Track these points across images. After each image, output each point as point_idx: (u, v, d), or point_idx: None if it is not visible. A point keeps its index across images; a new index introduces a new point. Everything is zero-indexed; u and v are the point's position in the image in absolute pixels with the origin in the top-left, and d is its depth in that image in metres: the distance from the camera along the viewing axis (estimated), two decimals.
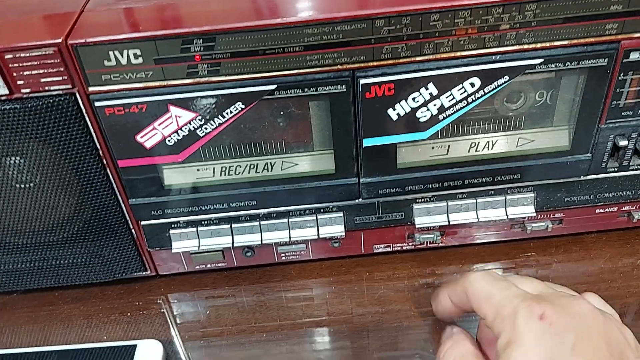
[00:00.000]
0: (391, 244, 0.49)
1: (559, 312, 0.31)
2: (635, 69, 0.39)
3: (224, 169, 0.43)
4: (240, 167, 0.43)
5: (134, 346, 0.44)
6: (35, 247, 0.47)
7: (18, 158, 0.42)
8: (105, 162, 0.41)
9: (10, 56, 0.35)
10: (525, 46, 0.38)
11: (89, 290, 0.50)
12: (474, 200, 0.46)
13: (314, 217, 0.46)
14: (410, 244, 0.50)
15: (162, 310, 0.49)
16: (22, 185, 0.43)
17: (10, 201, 0.44)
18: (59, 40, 0.35)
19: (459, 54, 0.38)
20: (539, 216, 0.48)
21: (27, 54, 0.35)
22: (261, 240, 0.46)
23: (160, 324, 0.48)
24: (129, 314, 0.49)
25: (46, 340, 0.47)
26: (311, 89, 0.38)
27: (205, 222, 0.46)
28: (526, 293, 0.34)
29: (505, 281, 0.35)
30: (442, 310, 0.40)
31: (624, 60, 0.39)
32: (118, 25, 0.37)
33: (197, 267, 0.49)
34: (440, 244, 0.50)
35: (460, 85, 0.39)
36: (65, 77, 0.36)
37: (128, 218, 0.45)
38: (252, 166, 0.43)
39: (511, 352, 0.31)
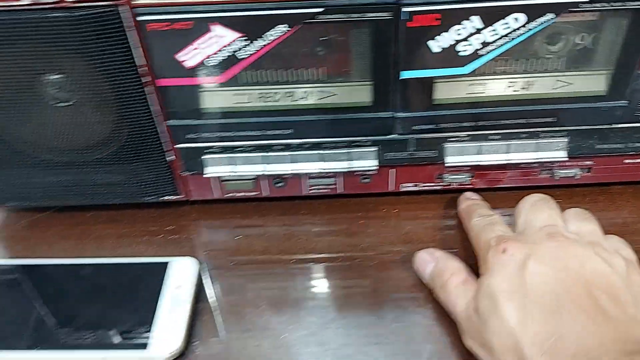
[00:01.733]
0: (419, 183, 0.50)
1: (521, 247, 0.37)
2: None
3: (261, 95, 0.44)
4: (277, 94, 0.44)
5: (167, 263, 0.45)
6: (71, 165, 0.48)
7: (58, 75, 0.43)
8: (143, 81, 0.42)
9: None
10: None
11: (121, 213, 0.51)
12: (507, 142, 0.46)
13: (348, 150, 0.46)
14: (439, 184, 0.50)
15: (192, 236, 0.50)
16: (60, 104, 0.44)
17: (47, 119, 0.45)
18: None
19: None
20: (570, 163, 0.48)
21: None
22: (293, 170, 0.47)
23: (190, 248, 0.49)
24: (161, 235, 0.50)
25: (80, 255, 0.48)
26: (355, 15, 0.39)
27: (239, 148, 0.46)
28: (501, 235, 0.39)
29: (492, 225, 0.42)
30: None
31: None
32: None
33: (228, 195, 0.50)
34: (469, 186, 0.50)
35: (505, 20, 0.39)
36: None
37: (165, 139, 0.46)
38: (289, 94, 0.44)
39: (482, 279, 0.37)
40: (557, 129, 0.45)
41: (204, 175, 0.47)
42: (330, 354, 0.40)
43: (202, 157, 0.47)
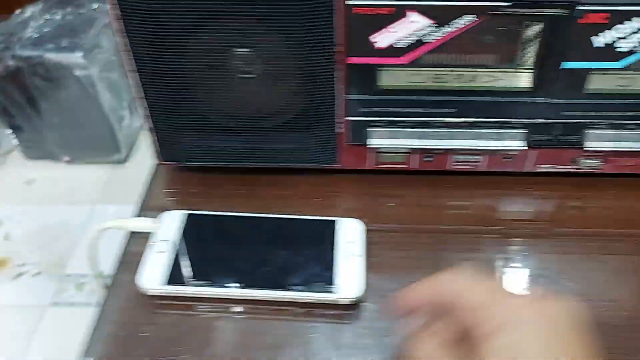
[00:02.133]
0: (555, 165, 0.55)
1: None
2: None
3: (434, 76, 0.49)
4: (449, 75, 0.49)
5: (335, 221, 0.51)
6: (247, 131, 0.53)
7: (247, 49, 0.48)
8: (335, 58, 0.48)
9: None
10: None
11: (280, 177, 0.57)
12: None
13: (500, 131, 0.52)
14: (572, 167, 0.55)
15: (346, 201, 0.56)
16: (246, 76, 0.50)
17: (233, 90, 0.50)
18: None
19: None
20: None
21: None
22: (448, 146, 0.52)
23: (345, 211, 0.54)
24: (319, 199, 0.56)
25: (249, 211, 0.54)
26: (536, 10, 0.44)
27: (402, 123, 0.52)
28: None
29: None
30: None
31: None
32: None
33: (379, 166, 0.56)
34: (599, 170, 0.55)
35: None
36: None
37: (340, 111, 0.51)
38: (459, 76, 0.49)
39: None
40: None
41: (367, 146, 0.53)
42: None
43: (368, 130, 0.52)
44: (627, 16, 0.44)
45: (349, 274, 0.46)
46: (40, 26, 1.51)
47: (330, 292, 0.45)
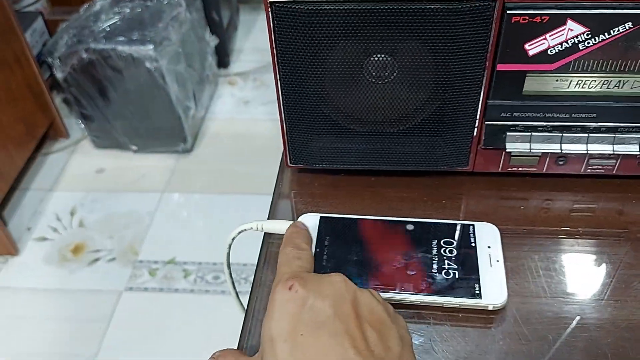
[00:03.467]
0: None
1: (305, 283, 0.37)
2: None
3: (579, 81, 0.49)
4: (595, 81, 0.49)
5: (472, 225, 0.51)
6: (375, 135, 0.54)
7: (383, 55, 0.49)
8: (486, 65, 0.48)
9: None
10: None
11: (403, 179, 0.58)
12: None
13: (639, 135, 0.52)
14: None
15: (474, 202, 0.56)
16: (379, 81, 0.50)
17: (365, 94, 0.51)
18: None
19: None
20: None
21: None
22: (587, 151, 0.52)
23: (474, 213, 0.55)
24: (445, 201, 0.56)
25: (376, 214, 0.55)
26: None
27: (541, 128, 0.52)
28: (296, 272, 0.41)
29: (297, 259, 0.43)
30: None
31: None
32: None
33: (509, 169, 0.56)
34: None
35: None
36: None
37: (474, 117, 0.52)
38: (604, 82, 0.49)
39: (264, 322, 0.37)
40: None
41: (506, 150, 0.53)
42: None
43: (505, 134, 0.53)
44: None
45: (493, 280, 0.47)
46: (110, 19, 1.54)
47: (479, 297, 0.46)
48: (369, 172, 0.58)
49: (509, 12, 0.44)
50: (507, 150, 0.53)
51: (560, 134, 0.52)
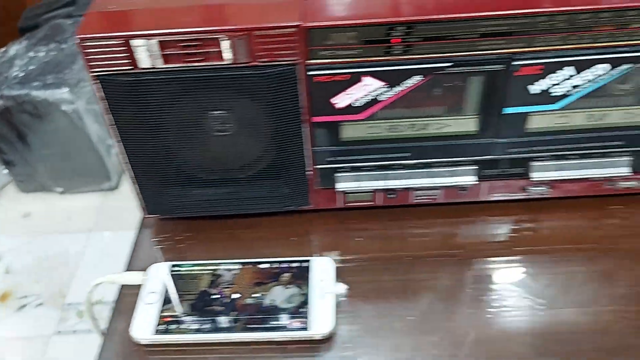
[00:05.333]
0: (506, 194, 0.61)
1: None
2: None
3: (389, 126, 0.55)
4: (402, 125, 0.55)
5: (309, 261, 0.56)
6: (225, 182, 0.59)
7: (222, 111, 0.54)
8: (302, 118, 0.53)
9: (259, 33, 0.47)
10: None
11: (258, 220, 0.62)
12: (582, 161, 0.57)
13: (452, 169, 0.57)
14: (522, 194, 0.61)
15: (319, 238, 0.61)
16: (220, 134, 0.55)
17: (209, 146, 0.56)
18: (298, 23, 0.46)
19: (595, 44, 0.48)
20: (633, 176, 0.59)
21: (272, 32, 0.47)
22: (407, 185, 0.58)
23: (318, 247, 0.60)
24: (293, 239, 0.61)
25: (230, 255, 0.59)
26: (476, 67, 0.49)
27: (365, 168, 0.57)
28: None
29: None
30: None
31: None
32: (339, 13, 0.48)
33: (348, 204, 0.61)
34: (547, 195, 0.61)
35: (592, 69, 0.50)
36: (295, 52, 0.48)
37: (308, 161, 0.57)
38: (411, 125, 0.55)
39: None
40: (624, 150, 0.56)
41: (336, 190, 0.58)
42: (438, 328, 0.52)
43: (335, 175, 0.58)
44: (559, 66, 0.50)
45: (322, 311, 0.52)
46: (25, 64, 1.55)
47: (305, 329, 0.51)
48: (228, 216, 0.63)
49: (309, 73, 0.49)
50: (338, 189, 0.58)
51: (383, 172, 0.57)
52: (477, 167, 0.57)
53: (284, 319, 0.52)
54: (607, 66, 0.50)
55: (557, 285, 0.55)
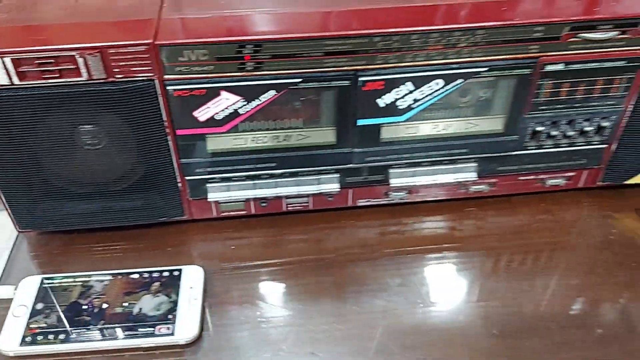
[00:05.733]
0: (371, 199, 0.66)
1: None
2: (549, 77, 0.56)
3: (253, 138, 0.58)
4: (266, 137, 0.58)
5: (181, 269, 0.58)
6: (98, 195, 0.60)
7: (92, 126, 0.55)
8: (167, 131, 0.55)
9: (113, 50, 0.49)
10: (475, 58, 0.54)
11: (136, 232, 0.64)
12: (434, 167, 0.63)
13: (317, 177, 0.61)
14: (386, 199, 0.66)
15: (194, 247, 0.64)
16: (91, 148, 0.57)
17: (81, 160, 0.57)
18: (150, 41, 0.49)
19: (430, 62, 0.54)
20: (479, 181, 0.65)
21: (125, 50, 0.49)
22: (276, 193, 0.61)
23: (194, 257, 0.62)
24: (169, 249, 0.63)
25: (106, 267, 0.60)
26: (325, 83, 0.54)
27: (234, 178, 0.60)
28: None
29: None
30: None
31: (541, 71, 0.56)
32: (191, 31, 0.51)
33: (223, 214, 0.64)
34: (407, 200, 0.66)
35: (430, 84, 0.55)
36: (150, 68, 0.50)
37: (177, 173, 0.59)
38: (274, 137, 0.58)
39: None
40: (469, 157, 0.62)
41: (207, 200, 0.61)
42: (303, 330, 0.55)
43: (206, 186, 0.60)
44: (399, 82, 0.55)
45: (188, 317, 0.54)
46: None
47: (171, 335, 0.53)
48: (105, 228, 0.64)
49: (168, 88, 0.52)
50: (209, 200, 0.61)
51: (252, 182, 0.61)
52: (339, 175, 0.62)
53: (151, 326, 0.53)
54: (441, 81, 0.55)
55: (427, 284, 0.60)
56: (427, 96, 0.56)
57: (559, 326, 0.55)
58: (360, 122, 0.57)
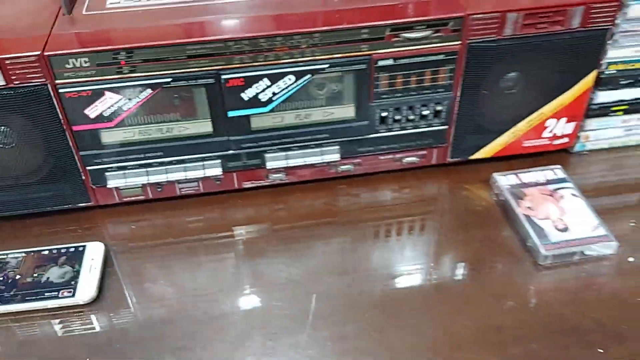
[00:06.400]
0: (255, 181, 0.77)
1: None
2: (383, 70, 0.68)
3: (141, 131, 0.69)
4: (151, 130, 0.69)
5: (85, 245, 0.69)
6: (15, 187, 0.70)
7: (4, 127, 0.66)
8: (64, 127, 0.66)
9: (9, 61, 0.60)
10: (317, 57, 0.66)
11: (51, 218, 0.74)
12: (303, 151, 0.74)
13: (202, 163, 0.72)
14: (268, 181, 0.77)
15: (101, 229, 0.74)
16: (4, 146, 0.67)
17: None
18: (39, 52, 0.60)
19: (280, 61, 0.65)
20: (344, 161, 0.76)
21: (19, 60, 0.60)
22: (167, 179, 0.72)
23: (101, 237, 0.73)
24: (80, 231, 0.73)
25: (26, 246, 0.70)
26: (192, 81, 0.65)
27: (129, 167, 0.71)
28: None
29: None
30: None
31: (375, 65, 0.68)
32: (74, 43, 0.62)
33: (125, 199, 0.75)
34: (287, 180, 0.77)
35: (283, 79, 0.67)
36: (42, 74, 0.61)
37: (79, 164, 0.70)
38: (159, 129, 0.69)
39: None
40: (331, 140, 0.74)
41: (108, 187, 0.72)
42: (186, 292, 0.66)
43: (105, 174, 0.71)
44: (257, 79, 0.66)
45: (88, 283, 0.65)
46: None
47: (72, 297, 0.63)
48: (21, 216, 0.74)
49: (61, 91, 0.63)
50: (110, 186, 0.72)
51: (145, 170, 0.71)
52: (221, 161, 0.73)
53: (56, 291, 0.64)
54: (292, 77, 0.67)
55: (317, 255, 0.70)
56: (283, 90, 0.68)
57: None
58: (231, 114, 0.69)
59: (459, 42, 0.67)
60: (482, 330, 0.60)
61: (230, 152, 0.72)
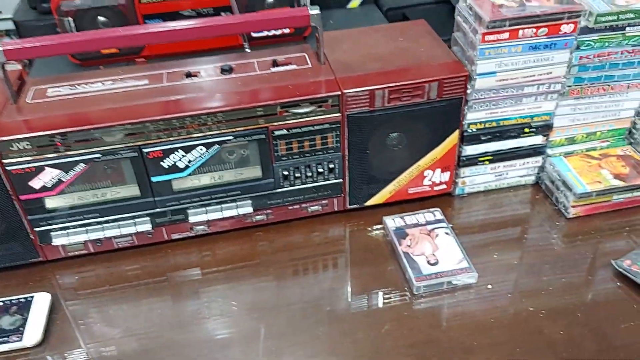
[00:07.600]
0: (182, 233, 0.90)
1: None
2: (280, 138, 0.82)
3: (79, 197, 0.82)
4: (88, 195, 0.82)
5: (33, 295, 0.81)
6: None
7: None
8: (13, 197, 0.79)
9: None
10: (223, 131, 0.80)
11: (3, 273, 0.86)
12: (220, 206, 0.87)
13: (133, 221, 0.85)
14: (192, 233, 0.90)
15: (50, 280, 0.86)
16: None
17: None
18: None
19: (191, 135, 0.79)
20: (257, 213, 0.90)
21: None
22: (104, 235, 0.85)
23: (51, 287, 0.85)
24: (31, 283, 0.86)
25: None
26: (119, 155, 0.79)
27: (71, 227, 0.84)
28: None
29: None
30: None
31: (272, 135, 0.82)
32: (19, 129, 0.75)
33: (70, 253, 0.87)
34: (209, 231, 0.91)
35: (195, 150, 0.81)
36: None
37: (27, 227, 0.82)
38: (94, 194, 0.82)
39: None
40: (244, 196, 0.87)
41: (53, 244, 0.84)
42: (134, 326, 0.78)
43: (51, 234, 0.84)
44: (172, 150, 0.80)
45: (35, 328, 0.77)
46: None
47: (20, 341, 0.75)
48: None
49: (7, 168, 0.76)
50: (55, 244, 0.84)
51: (84, 229, 0.84)
52: (149, 218, 0.86)
53: (7, 336, 0.76)
54: (203, 148, 0.81)
55: (249, 292, 0.83)
56: (197, 157, 0.82)
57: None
58: (154, 179, 0.82)
59: (339, 114, 0.82)
60: (362, 349, 0.74)
61: (157, 210, 0.86)
